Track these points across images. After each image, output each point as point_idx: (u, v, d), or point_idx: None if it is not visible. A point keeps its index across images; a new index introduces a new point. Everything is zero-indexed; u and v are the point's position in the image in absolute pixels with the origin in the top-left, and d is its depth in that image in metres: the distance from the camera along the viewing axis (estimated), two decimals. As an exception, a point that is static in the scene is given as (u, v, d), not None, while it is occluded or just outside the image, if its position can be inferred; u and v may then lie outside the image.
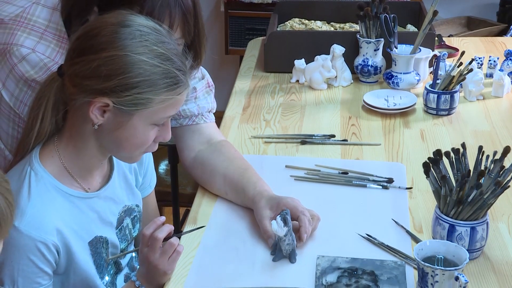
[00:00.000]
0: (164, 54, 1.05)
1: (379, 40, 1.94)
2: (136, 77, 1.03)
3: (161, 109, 1.07)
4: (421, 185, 1.46)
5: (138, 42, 1.04)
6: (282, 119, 1.80)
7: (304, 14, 2.24)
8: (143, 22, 1.08)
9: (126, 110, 1.06)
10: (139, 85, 1.04)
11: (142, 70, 1.03)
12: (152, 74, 1.04)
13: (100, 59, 1.04)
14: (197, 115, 1.45)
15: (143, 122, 1.08)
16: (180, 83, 1.07)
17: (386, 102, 1.83)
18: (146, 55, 1.03)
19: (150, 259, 1.14)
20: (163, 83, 1.05)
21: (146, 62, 1.03)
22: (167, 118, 1.11)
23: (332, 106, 1.87)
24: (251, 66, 2.12)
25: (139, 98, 1.04)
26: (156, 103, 1.06)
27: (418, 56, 1.91)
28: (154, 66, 1.04)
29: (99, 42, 1.05)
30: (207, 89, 1.49)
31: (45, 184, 1.12)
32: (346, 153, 1.63)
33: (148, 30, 1.06)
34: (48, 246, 1.10)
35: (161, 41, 1.06)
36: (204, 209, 1.40)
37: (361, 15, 1.95)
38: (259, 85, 2.00)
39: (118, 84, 1.03)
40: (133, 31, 1.05)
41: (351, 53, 1.98)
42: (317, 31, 2.13)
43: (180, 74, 1.06)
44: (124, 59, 1.03)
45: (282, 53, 2.02)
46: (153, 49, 1.04)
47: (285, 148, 1.65)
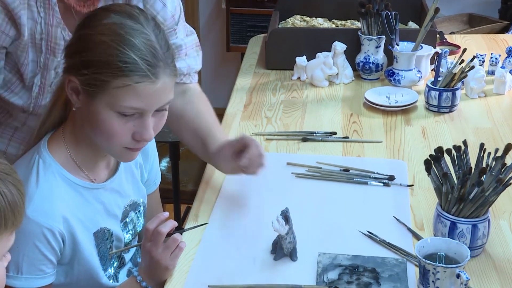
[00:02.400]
0: (130, 41, 1.04)
1: (380, 37, 1.94)
2: (95, 56, 1.05)
3: (121, 96, 1.05)
4: (422, 182, 1.46)
5: (107, 25, 1.06)
6: (284, 116, 1.80)
7: (305, 11, 2.24)
8: (125, 9, 1.09)
9: (89, 91, 1.07)
10: (96, 64, 1.05)
11: (101, 50, 1.04)
12: (110, 56, 1.04)
13: (74, 38, 1.10)
14: (185, 74, 1.43)
15: (104, 107, 1.07)
16: (140, 72, 1.05)
17: (388, 100, 1.83)
18: (110, 37, 1.05)
19: (153, 253, 1.14)
20: (119, 67, 1.04)
21: (107, 44, 1.04)
22: (131, 109, 1.07)
23: (334, 104, 1.86)
24: (253, 63, 2.12)
25: (97, 79, 1.05)
26: (114, 87, 1.05)
27: (420, 53, 1.90)
28: (115, 49, 1.04)
29: (81, 22, 1.11)
30: (196, 48, 1.47)
31: (52, 172, 1.13)
32: (347, 150, 1.63)
33: (124, 16, 1.07)
34: (54, 233, 1.11)
35: (134, 29, 1.06)
36: (205, 206, 1.41)
37: (362, 12, 1.94)
38: (260, 82, 2.00)
39: (79, 61, 1.06)
40: (110, 14, 1.07)
41: (353, 50, 1.98)
42: (319, 28, 2.13)
43: (142, 63, 1.04)
44: (88, 37, 1.06)
45: (283, 50, 2.02)
46: (119, 33, 1.05)
47: (286, 145, 1.65)
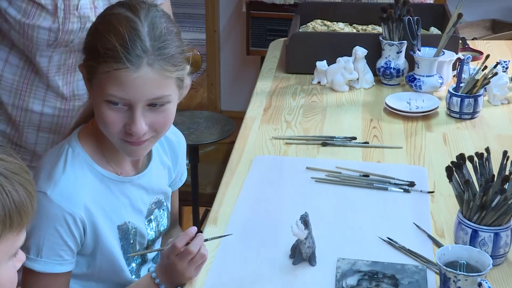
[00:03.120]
0: (116, 29, 1.06)
1: (402, 43, 1.93)
2: (87, 43, 1.11)
3: (105, 82, 1.07)
4: (443, 189, 1.45)
5: (106, 15, 1.11)
6: (303, 120, 1.79)
7: (326, 15, 2.23)
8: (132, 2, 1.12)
9: (88, 79, 1.12)
10: (88, 51, 1.11)
11: (93, 37, 1.10)
12: (97, 43, 1.08)
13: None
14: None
15: (97, 95, 1.10)
16: (119, 59, 1.06)
17: (408, 105, 1.82)
18: (101, 25, 1.10)
19: (178, 267, 1.14)
20: (101, 53, 1.07)
21: (97, 31, 1.09)
22: (114, 97, 1.08)
23: (354, 108, 1.86)
24: (273, 67, 2.12)
25: (89, 65, 1.10)
26: (100, 73, 1.08)
27: (442, 59, 1.89)
28: (101, 35, 1.08)
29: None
30: None
31: (80, 161, 1.15)
32: (367, 155, 1.62)
33: (126, 8, 1.10)
34: (75, 219, 1.12)
35: (126, 19, 1.08)
36: (224, 209, 1.41)
37: (384, 17, 1.93)
38: (280, 86, 2.00)
39: (84, 47, 1.14)
40: (116, 6, 1.13)
41: (374, 55, 1.97)
42: (339, 33, 2.12)
43: (121, 50, 1.05)
44: (91, 26, 1.14)
45: (304, 54, 2.02)
46: (111, 21, 1.08)
47: (306, 149, 1.64)
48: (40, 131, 1.43)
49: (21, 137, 1.44)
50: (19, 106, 1.40)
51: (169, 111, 1.13)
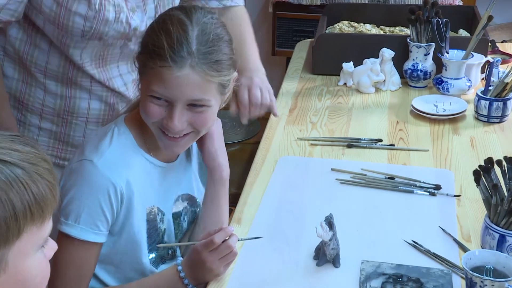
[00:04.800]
0: (168, 30, 1.11)
1: (430, 45, 1.91)
2: (144, 39, 1.17)
3: (151, 78, 1.13)
4: (469, 193, 1.43)
5: (163, 15, 1.17)
6: (329, 121, 1.79)
7: (353, 16, 2.22)
8: (188, 6, 1.17)
9: (140, 71, 1.17)
10: (142, 46, 1.16)
11: (147, 35, 1.16)
12: (150, 40, 1.13)
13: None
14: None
15: (144, 88, 1.15)
16: (164, 57, 1.10)
17: (435, 108, 1.80)
18: (157, 24, 1.14)
19: (207, 263, 1.16)
20: (151, 50, 1.12)
21: (152, 29, 1.15)
22: (156, 93, 1.12)
23: (380, 110, 1.85)
24: (299, 68, 2.12)
25: (140, 59, 1.16)
26: (148, 69, 1.13)
27: (470, 61, 1.87)
28: (154, 34, 1.13)
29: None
30: None
31: (126, 139, 1.19)
32: (393, 158, 1.61)
33: (182, 11, 1.14)
34: (116, 190, 1.15)
35: (179, 21, 1.12)
36: (248, 209, 1.41)
37: (412, 19, 1.92)
38: (306, 87, 1.99)
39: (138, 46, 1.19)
40: (173, 8, 1.19)
41: (401, 57, 1.95)
42: (366, 34, 2.11)
43: (168, 49, 1.10)
44: (151, 23, 1.19)
45: (330, 56, 2.02)
46: (166, 22, 1.13)
47: (331, 151, 1.64)
48: (88, 123, 1.45)
49: (69, 133, 1.45)
50: (67, 96, 1.42)
51: (208, 114, 1.16)
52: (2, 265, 0.71)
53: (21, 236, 0.72)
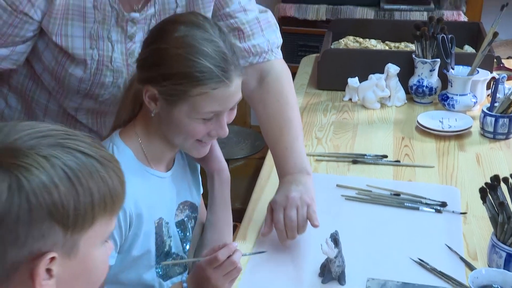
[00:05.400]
0: (203, 51, 1.09)
1: (435, 61, 1.91)
2: (172, 69, 1.10)
3: (200, 103, 1.11)
4: (476, 210, 1.43)
5: (180, 38, 1.10)
6: (334, 137, 1.79)
7: (358, 32, 2.23)
8: (191, 19, 1.14)
9: (168, 100, 1.12)
10: (174, 76, 1.09)
11: (178, 63, 1.09)
12: (186, 67, 1.09)
13: (149, 51, 1.14)
14: (267, 51, 1.40)
15: (185, 113, 1.12)
16: (216, 78, 1.09)
17: (441, 124, 1.80)
18: (184, 50, 1.09)
19: (212, 280, 1.15)
20: (197, 76, 1.09)
21: (184, 56, 1.09)
22: (210, 113, 1.12)
23: (385, 126, 1.84)
24: (304, 83, 2.12)
25: (175, 89, 1.10)
26: (193, 95, 1.10)
27: (476, 78, 1.87)
28: (191, 60, 1.09)
29: (153, 36, 1.15)
30: (273, 24, 1.43)
31: (126, 156, 1.18)
32: (398, 174, 1.60)
33: (193, 27, 1.11)
34: (125, 214, 1.14)
35: (206, 39, 1.11)
36: (253, 225, 1.41)
37: (417, 35, 1.92)
38: (311, 102, 1.99)
39: (158, 74, 1.11)
40: (180, 27, 1.12)
41: (406, 72, 1.96)
42: (372, 50, 2.12)
43: (217, 70, 1.09)
44: (164, 51, 1.10)
45: (335, 71, 2.02)
46: (193, 44, 1.09)
47: (336, 167, 1.64)
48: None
49: None
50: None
51: (236, 108, 1.18)
52: (74, 250, 0.74)
53: (94, 225, 0.75)
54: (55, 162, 0.72)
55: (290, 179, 1.32)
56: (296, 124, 1.37)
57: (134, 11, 1.27)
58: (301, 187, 1.30)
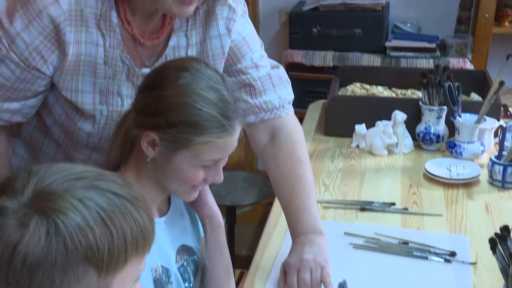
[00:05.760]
0: (209, 99, 1.09)
1: (442, 108, 1.92)
2: (179, 117, 1.09)
3: (203, 151, 1.10)
4: (486, 261, 1.41)
5: (187, 85, 1.09)
6: (342, 184, 1.78)
7: (365, 79, 2.26)
8: (201, 68, 1.13)
9: (170, 147, 1.11)
10: (180, 124, 1.09)
11: (185, 111, 1.08)
12: (193, 116, 1.08)
13: (152, 97, 1.11)
14: (278, 107, 1.40)
15: (186, 161, 1.11)
16: (223, 128, 1.10)
17: (449, 172, 1.79)
18: (191, 98, 1.09)
19: None
20: (204, 125, 1.08)
21: (189, 104, 1.08)
22: (211, 161, 1.12)
23: (393, 173, 1.84)
24: (311, 129, 2.13)
25: (180, 137, 1.09)
26: (197, 144, 1.09)
27: (483, 126, 1.87)
28: (197, 109, 1.08)
29: (155, 82, 1.13)
30: (285, 80, 1.43)
31: None
32: (406, 222, 1.59)
33: (201, 76, 1.11)
34: None
35: (211, 87, 1.10)
36: (261, 273, 1.39)
37: (424, 82, 1.94)
38: (319, 149, 2.00)
39: (162, 121, 1.09)
40: (187, 75, 1.11)
41: (413, 119, 1.97)
42: (379, 97, 2.13)
43: (223, 119, 1.09)
44: (170, 99, 1.09)
45: (342, 117, 2.03)
46: (200, 93, 1.09)
47: (344, 214, 1.63)
48: None
49: None
50: None
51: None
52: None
53: (126, 265, 0.76)
54: (89, 204, 0.73)
55: (303, 240, 1.31)
56: (309, 182, 1.37)
57: (145, 66, 1.28)
58: (315, 249, 1.29)
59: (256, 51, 1.37)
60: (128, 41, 1.25)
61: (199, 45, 1.30)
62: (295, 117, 1.45)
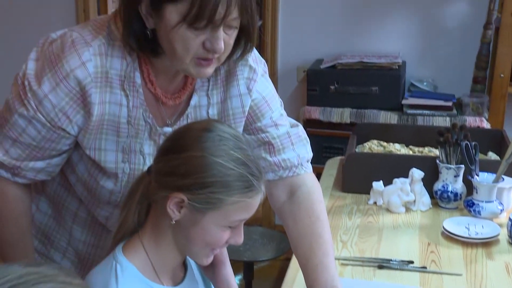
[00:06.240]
0: (239, 159, 1.10)
1: (459, 167, 1.93)
2: (211, 177, 1.09)
3: (232, 211, 1.10)
4: (507, 322, 1.39)
5: (216, 146, 1.10)
6: (359, 241, 1.78)
7: (382, 136, 2.28)
8: (225, 129, 1.15)
9: (199, 208, 1.10)
10: (213, 184, 1.09)
11: (217, 171, 1.09)
12: (225, 176, 1.08)
13: (181, 158, 1.11)
14: (297, 165, 1.41)
15: (215, 221, 1.11)
16: (252, 187, 1.10)
17: (467, 231, 1.79)
18: (222, 158, 1.09)
19: None
20: (235, 185, 1.09)
21: (221, 164, 1.09)
22: (238, 221, 1.13)
23: (411, 231, 1.84)
24: (329, 185, 2.15)
25: (212, 198, 1.09)
26: (228, 204, 1.09)
27: (501, 185, 1.87)
28: (229, 169, 1.08)
29: (182, 144, 1.13)
30: (304, 138, 1.44)
31: (131, 275, 1.14)
32: (425, 281, 1.58)
33: (227, 136, 1.13)
34: None
35: (239, 147, 1.12)
36: (278, 330, 1.38)
37: (441, 141, 1.96)
38: (336, 205, 2.01)
39: (193, 182, 1.09)
40: (214, 135, 1.12)
41: (430, 177, 1.97)
42: (396, 154, 2.15)
43: (253, 179, 1.10)
44: (201, 160, 1.09)
45: (360, 174, 2.05)
46: (230, 153, 1.10)
47: (362, 271, 1.62)
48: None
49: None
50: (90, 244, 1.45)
51: None
52: None
53: None
54: None
55: None
56: (327, 240, 1.37)
57: (167, 125, 1.30)
58: None
59: (276, 110, 1.40)
60: (151, 101, 1.27)
61: (220, 104, 1.32)
62: (313, 175, 1.46)
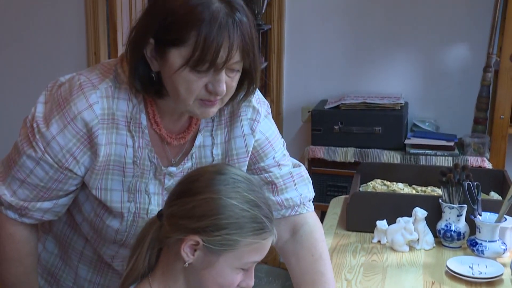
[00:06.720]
0: (253, 201, 1.13)
1: (462, 206, 1.96)
2: (227, 219, 1.11)
3: (246, 253, 1.12)
4: None
5: (231, 188, 1.13)
6: (364, 279, 1.80)
7: (386, 175, 2.31)
8: (237, 172, 1.18)
9: (215, 250, 1.12)
10: (228, 226, 1.11)
11: (233, 213, 1.11)
12: (241, 218, 1.11)
13: (196, 201, 1.13)
14: (299, 204, 1.44)
15: (229, 263, 1.13)
16: (266, 229, 1.13)
17: (471, 270, 1.80)
18: (237, 200, 1.11)
19: None
20: (250, 227, 1.11)
21: (236, 206, 1.11)
22: (251, 263, 1.14)
23: (415, 270, 1.85)
24: (333, 224, 2.17)
25: (227, 239, 1.11)
26: (242, 245, 1.11)
27: (504, 225, 1.89)
28: (244, 210, 1.11)
29: (196, 187, 1.15)
30: (306, 178, 1.47)
31: None
32: (430, 320, 1.59)
33: (240, 179, 1.15)
34: None
35: (252, 189, 1.15)
36: None
37: (443, 181, 1.99)
38: (340, 243, 2.03)
39: (209, 224, 1.11)
40: (228, 178, 1.15)
41: (434, 216, 1.99)
42: (399, 194, 2.18)
43: (266, 220, 1.13)
44: (217, 202, 1.12)
45: (364, 213, 2.07)
46: (244, 195, 1.13)
47: (366, 310, 1.63)
48: None
49: None
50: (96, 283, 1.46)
51: None
52: None
53: None
54: None
55: None
56: (330, 278, 1.40)
57: (171, 165, 1.32)
58: None
59: (279, 150, 1.43)
60: (156, 141, 1.30)
61: (224, 144, 1.36)
62: (315, 214, 1.50)
